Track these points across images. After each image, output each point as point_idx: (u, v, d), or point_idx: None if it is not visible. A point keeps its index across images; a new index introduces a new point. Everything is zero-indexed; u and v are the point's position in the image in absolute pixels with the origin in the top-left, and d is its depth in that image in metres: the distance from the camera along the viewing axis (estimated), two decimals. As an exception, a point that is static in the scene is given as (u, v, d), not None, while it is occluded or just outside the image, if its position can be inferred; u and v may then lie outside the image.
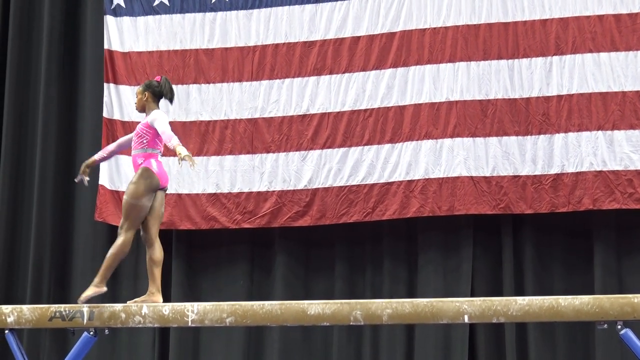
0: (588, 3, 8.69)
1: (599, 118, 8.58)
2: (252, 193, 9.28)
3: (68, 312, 6.65)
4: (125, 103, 9.57)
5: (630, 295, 5.89)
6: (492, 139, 8.81)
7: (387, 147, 9.02)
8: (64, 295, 9.74)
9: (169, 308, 6.56)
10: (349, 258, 9.27)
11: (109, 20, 9.70)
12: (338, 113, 9.17)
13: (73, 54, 10.19)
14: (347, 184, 9.07)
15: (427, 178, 8.88)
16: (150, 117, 6.89)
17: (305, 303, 6.36)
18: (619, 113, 8.55)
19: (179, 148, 6.55)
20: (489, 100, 8.85)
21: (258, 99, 9.37)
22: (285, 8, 9.37)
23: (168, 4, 9.65)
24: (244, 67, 9.43)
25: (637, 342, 5.83)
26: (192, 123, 9.48)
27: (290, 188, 9.20)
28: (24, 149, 10.18)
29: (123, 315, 6.58)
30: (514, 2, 8.86)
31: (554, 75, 8.72)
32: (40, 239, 9.90)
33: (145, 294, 6.85)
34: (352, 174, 9.07)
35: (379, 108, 9.07)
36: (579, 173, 8.58)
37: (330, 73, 9.21)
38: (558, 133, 8.66)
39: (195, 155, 9.31)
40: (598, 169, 8.54)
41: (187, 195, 9.39)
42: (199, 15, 9.58)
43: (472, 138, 8.84)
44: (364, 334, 9.11)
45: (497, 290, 8.80)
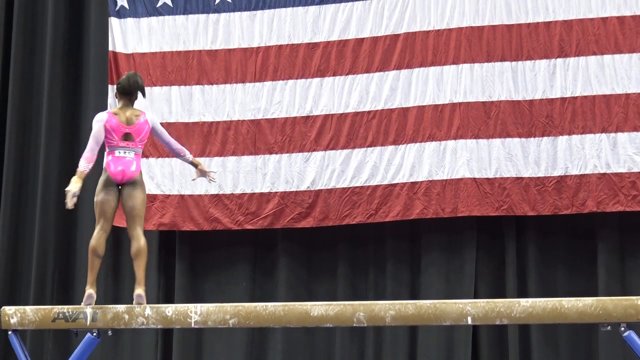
0: (592, 5, 8.69)
1: (603, 120, 8.58)
2: (254, 194, 9.27)
3: (71, 313, 6.66)
4: (129, 105, 9.57)
5: (634, 297, 5.90)
6: (495, 141, 8.80)
7: (390, 148, 9.01)
8: (68, 297, 9.73)
9: (172, 309, 6.57)
10: (352, 259, 9.26)
11: (113, 22, 9.68)
12: (341, 115, 9.16)
13: (77, 56, 10.18)
14: (350, 186, 9.06)
15: (430, 180, 8.88)
16: None
17: (309, 304, 6.37)
18: (623, 115, 8.54)
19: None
20: (493, 102, 8.84)
21: (261, 100, 9.36)
22: (289, 9, 9.36)
23: (171, 5, 9.64)
24: (247, 68, 9.42)
25: (640, 343, 5.84)
26: (194, 124, 9.47)
27: (293, 189, 9.18)
28: (28, 151, 10.17)
29: (126, 317, 6.59)
30: (518, 4, 8.85)
31: (558, 78, 8.72)
32: (44, 240, 9.90)
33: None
34: (355, 176, 9.06)
35: (383, 110, 9.07)
36: (583, 175, 8.58)
37: (334, 75, 9.20)
38: (562, 135, 8.66)
39: (198, 156, 9.32)
40: (602, 172, 8.53)
41: (189, 196, 9.38)
42: (202, 17, 9.57)
43: (475, 140, 8.83)
44: (367, 336, 9.11)
45: (500, 292, 8.80)
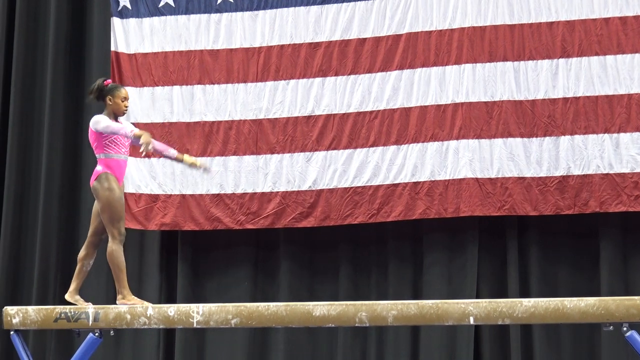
0: (594, 6, 8.68)
1: (606, 121, 8.57)
2: (256, 194, 9.27)
3: (73, 313, 6.66)
4: (131, 105, 9.55)
5: (636, 297, 5.89)
6: (497, 141, 8.79)
7: (392, 148, 9.00)
8: (70, 297, 9.74)
9: (174, 309, 6.57)
10: (354, 260, 9.26)
11: (115, 22, 9.68)
12: (343, 114, 9.16)
13: (79, 56, 10.18)
14: (352, 186, 9.05)
15: (433, 180, 8.88)
16: None
17: (311, 304, 6.36)
18: (625, 116, 8.54)
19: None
20: (495, 102, 8.83)
21: (263, 100, 9.36)
22: (291, 9, 9.35)
23: (173, 5, 9.64)
24: (249, 68, 9.42)
25: (642, 344, 5.84)
26: (196, 124, 9.47)
27: (295, 189, 9.18)
28: (30, 151, 10.16)
29: (128, 317, 6.59)
30: (520, 4, 8.84)
31: (560, 78, 8.71)
32: (47, 240, 9.89)
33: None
34: (357, 176, 9.05)
35: (385, 110, 9.06)
36: (585, 175, 8.57)
37: (336, 74, 9.20)
38: (564, 135, 8.65)
39: (199, 156, 9.32)
40: (604, 172, 8.53)
41: (190, 196, 9.38)
42: (204, 17, 9.57)
43: (477, 140, 8.83)
44: (370, 336, 9.11)
45: (502, 292, 8.79)
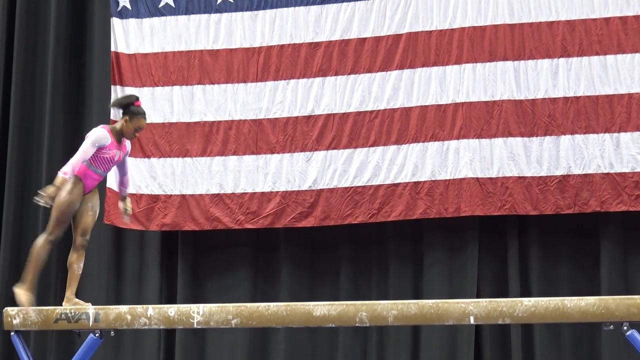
0: (595, 5, 8.68)
1: (606, 120, 8.57)
2: (255, 193, 9.26)
3: (74, 314, 6.65)
4: (131, 106, 9.57)
5: (636, 297, 5.89)
6: (497, 140, 8.79)
7: (392, 148, 9.00)
8: (70, 298, 9.72)
9: (175, 310, 6.56)
10: (355, 260, 9.26)
11: (115, 23, 9.68)
12: (343, 114, 9.16)
13: (80, 57, 10.17)
14: (352, 185, 9.05)
15: (433, 180, 8.88)
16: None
17: (311, 304, 6.36)
18: (626, 115, 8.54)
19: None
20: (495, 102, 8.83)
21: (263, 100, 9.35)
22: (291, 9, 9.35)
23: (173, 6, 9.63)
24: (249, 68, 9.41)
25: (643, 343, 5.83)
26: (196, 124, 9.47)
27: (295, 189, 9.18)
28: (31, 152, 10.15)
29: (129, 317, 6.58)
30: (520, 4, 8.84)
31: (560, 77, 8.71)
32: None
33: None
34: (357, 175, 9.05)
35: (385, 109, 9.06)
36: (586, 175, 8.57)
37: (336, 74, 9.19)
38: (564, 135, 8.65)
39: (199, 156, 9.32)
40: (605, 171, 8.53)
41: (190, 196, 9.37)
42: (204, 17, 9.57)
43: (478, 139, 8.83)
44: (370, 336, 9.11)
45: (503, 291, 8.80)
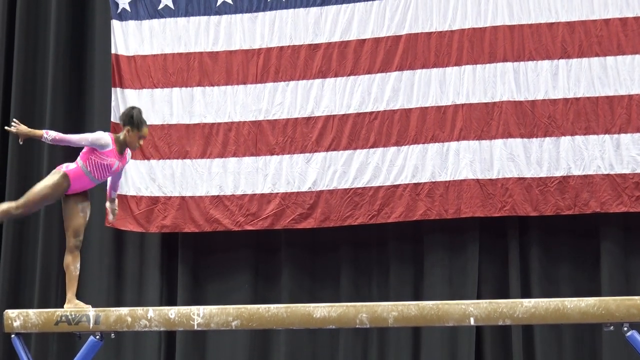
0: (594, 7, 8.68)
1: (606, 121, 8.58)
2: (255, 195, 9.26)
3: (74, 316, 6.65)
4: (131, 107, 9.57)
5: (637, 297, 5.90)
6: (497, 142, 8.79)
7: (392, 149, 9.00)
8: (71, 300, 9.73)
9: (175, 312, 6.56)
10: (355, 261, 9.26)
11: (115, 25, 9.68)
12: (343, 115, 9.16)
13: (80, 59, 10.17)
14: (352, 187, 9.05)
15: (433, 181, 8.88)
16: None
17: (311, 306, 6.36)
18: (626, 117, 8.54)
19: None
20: (495, 103, 8.83)
21: (262, 102, 9.36)
22: (290, 11, 9.35)
23: (173, 8, 9.63)
24: (249, 69, 9.41)
25: (643, 344, 5.83)
26: (195, 125, 9.47)
27: (294, 190, 9.18)
28: (32, 155, 10.15)
29: (129, 319, 6.58)
30: (520, 5, 8.84)
31: (560, 79, 8.71)
32: (48, 243, 9.89)
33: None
34: (357, 177, 9.05)
35: (385, 111, 9.06)
36: (586, 176, 8.57)
37: (336, 76, 9.19)
38: (564, 136, 8.66)
39: (199, 158, 9.31)
40: (605, 172, 8.54)
41: (190, 198, 9.37)
42: (204, 19, 9.57)
43: (478, 141, 8.83)
44: (370, 337, 9.10)
45: (503, 293, 8.80)
